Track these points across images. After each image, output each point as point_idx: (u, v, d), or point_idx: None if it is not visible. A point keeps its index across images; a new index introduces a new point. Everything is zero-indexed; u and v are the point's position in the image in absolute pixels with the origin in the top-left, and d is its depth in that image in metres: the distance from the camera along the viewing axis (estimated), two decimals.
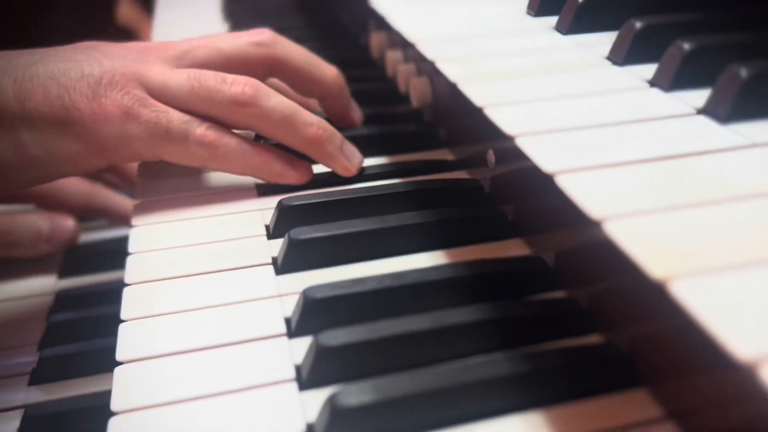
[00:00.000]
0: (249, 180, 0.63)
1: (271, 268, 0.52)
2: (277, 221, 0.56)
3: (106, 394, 0.42)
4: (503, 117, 0.43)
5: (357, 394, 0.39)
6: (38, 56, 0.56)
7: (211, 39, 0.62)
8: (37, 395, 0.59)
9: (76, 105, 0.53)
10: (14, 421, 0.56)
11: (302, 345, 0.44)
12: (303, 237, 0.52)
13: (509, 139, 0.44)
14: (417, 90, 0.69)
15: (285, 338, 0.45)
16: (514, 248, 0.53)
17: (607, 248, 0.38)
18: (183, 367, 0.43)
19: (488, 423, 0.39)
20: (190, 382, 0.42)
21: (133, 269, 0.52)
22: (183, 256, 0.53)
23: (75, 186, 0.76)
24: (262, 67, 0.63)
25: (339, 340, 0.42)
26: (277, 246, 0.54)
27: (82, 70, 0.55)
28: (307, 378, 0.42)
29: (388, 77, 0.78)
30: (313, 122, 0.59)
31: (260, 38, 0.63)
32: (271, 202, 0.59)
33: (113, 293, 0.57)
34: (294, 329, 0.46)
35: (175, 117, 0.56)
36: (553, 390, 0.40)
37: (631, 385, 0.40)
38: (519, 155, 0.43)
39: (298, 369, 0.43)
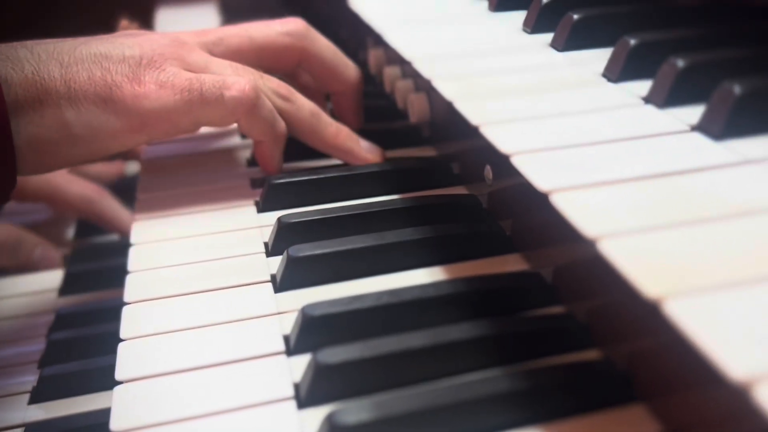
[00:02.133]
0: (248, 198, 0.63)
1: (269, 285, 0.52)
2: (276, 238, 0.56)
3: (106, 413, 0.42)
4: (499, 135, 0.44)
5: (356, 412, 0.39)
6: (81, 42, 0.59)
7: (244, 27, 0.66)
8: (37, 414, 0.59)
9: (118, 84, 0.57)
10: None
11: (301, 363, 0.45)
12: (301, 254, 0.52)
13: (505, 156, 0.44)
14: (415, 106, 0.69)
15: (284, 356, 0.46)
16: (512, 264, 0.53)
17: (602, 265, 0.38)
18: (182, 385, 0.43)
19: None
20: (190, 401, 0.42)
21: (132, 288, 0.52)
22: (182, 274, 0.53)
23: (80, 189, 0.78)
24: (291, 58, 0.67)
25: (337, 358, 0.42)
26: (276, 263, 0.54)
27: (123, 53, 0.58)
28: (306, 396, 0.42)
29: (386, 93, 0.78)
30: (333, 123, 0.64)
31: (291, 27, 0.67)
32: (270, 219, 0.59)
33: (113, 311, 0.57)
34: (293, 347, 0.46)
35: (208, 79, 0.59)
36: (551, 406, 0.40)
37: (629, 401, 0.40)
38: (516, 172, 0.43)
39: (296, 387, 0.43)
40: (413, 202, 0.60)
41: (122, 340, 0.47)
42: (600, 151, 0.42)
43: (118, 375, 0.44)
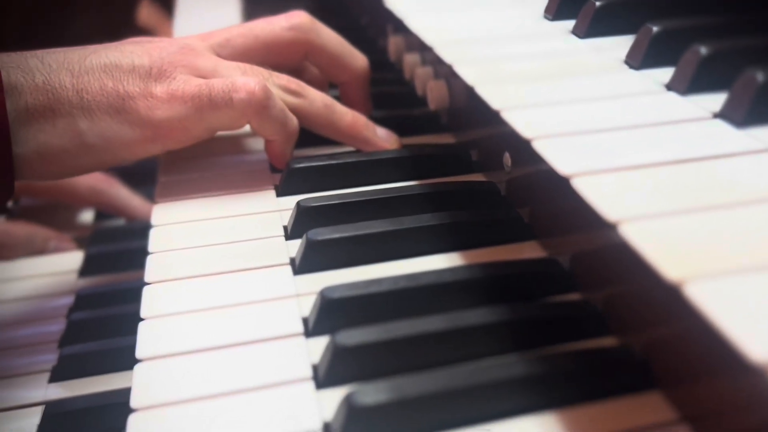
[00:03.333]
0: (268, 182, 0.64)
1: (289, 268, 0.53)
2: (295, 222, 0.57)
3: (126, 392, 0.43)
4: (520, 120, 0.44)
5: (373, 393, 0.39)
6: (90, 51, 0.59)
7: (249, 27, 0.66)
8: (57, 392, 0.59)
9: (130, 95, 0.57)
10: (34, 417, 0.56)
11: (319, 344, 0.45)
12: (320, 238, 0.52)
13: (526, 141, 0.44)
14: (434, 93, 0.69)
15: (302, 337, 0.46)
16: (529, 251, 0.53)
17: (622, 251, 0.38)
18: (202, 365, 0.44)
19: (503, 423, 0.39)
20: (209, 379, 0.43)
21: (153, 268, 0.53)
22: (202, 255, 0.54)
23: (88, 181, 0.79)
24: (298, 52, 0.67)
25: (356, 340, 0.43)
26: (295, 247, 0.54)
27: (133, 62, 0.59)
28: (324, 377, 0.43)
29: (405, 80, 0.78)
30: (348, 112, 0.64)
31: (295, 22, 0.66)
32: (289, 203, 0.59)
33: (132, 292, 0.58)
34: (311, 329, 0.47)
35: (217, 84, 0.59)
36: (568, 392, 0.40)
37: (646, 387, 0.40)
38: (535, 158, 0.43)
39: (315, 368, 0.44)
40: (431, 188, 0.60)
41: (142, 320, 0.48)
42: (621, 137, 0.42)
43: (139, 353, 0.45)
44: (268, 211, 0.59)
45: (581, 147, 0.40)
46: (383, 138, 0.66)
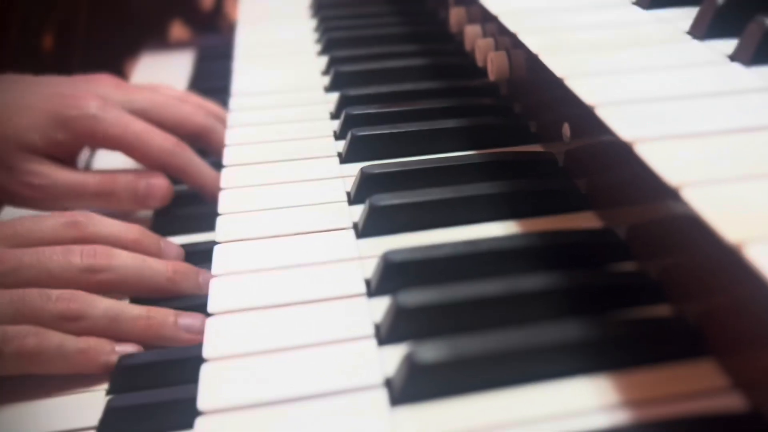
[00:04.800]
0: (332, 149, 0.66)
1: (352, 232, 0.55)
2: (358, 187, 0.58)
3: (197, 347, 0.45)
4: (583, 87, 0.44)
5: (433, 351, 0.41)
6: None
7: (42, 259, 0.59)
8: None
9: None
10: None
11: (381, 305, 0.47)
12: (383, 203, 0.54)
13: (587, 110, 0.45)
14: (495, 64, 0.70)
15: (365, 298, 0.48)
16: (585, 221, 0.54)
17: (681, 219, 0.39)
18: (270, 320, 0.46)
19: (557, 383, 0.41)
20: (277, 334, 0.45)
21: (223, 229, 0.55)
22: (269, 218, 0.56)
23: (162, 140, 0.74)
24: (91, 290, 0.59)
25: (416, 300, 0.45)
26: (358, 211, 0.56)
27: None
28: (386, 335, 0.45)
29: (466, 52, 0.79)
30: (141, 314, 0.58)
31: (92, 263, 0.59)
32: (352, 170, 0.61)
33: (202, 255, 0.61)
34: (373, 290, 0.49)
35: None
36: (621, 356, 0.42)
37: (699, 355, 0.41)
38: (596, 128, 0.44)
39: (377, 327, 0.46)
40: (490, 158, 0.61)
41: (214, 277, 0.50)
42: (684, 105, 0.43)
43: (210, 308, 0.48)
44: (332, 177, 0.61)
45: (644, 115, 0.41)
46: (187, 329, 0.58)
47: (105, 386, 0.55)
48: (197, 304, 0.60)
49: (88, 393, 0.55)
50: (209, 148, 0.74)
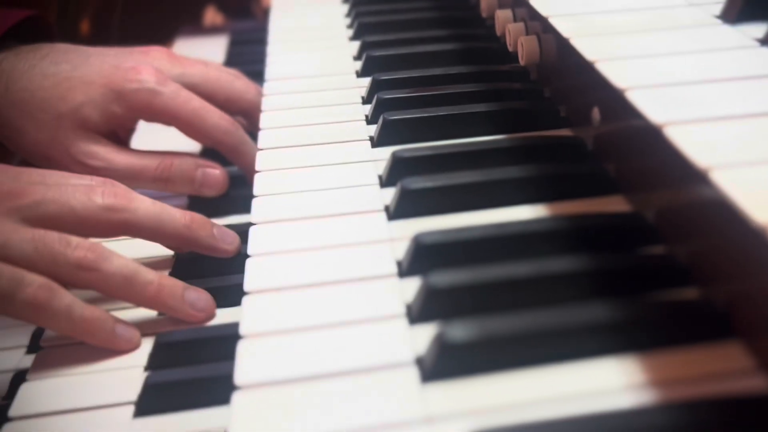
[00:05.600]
0: (364, 133, 0.67)
1: (383, 214, 0.56)
2: (390, 170, 0.60)
3: (234, 325, 0.47)
4: (614, 71, 0.45)
5: (463, 330, 0.42)
6: None
7: (65, 195, 0.59)
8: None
9: None
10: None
11: (412, 285, 0.48)
12: (414, 186, 0.55)
13: (617, 94, 0.45)
14: (525, 48, 0.71)
15: (396, 278, 0.49)
16: (614, 205, 0.55)
17: (709, 202, 0.40)
18: (304, 299, 0.48)
19: (585, 363, 0.42)
20: (311, 312, 0.46)
21: (258, 210, 0.57)
22: (303, 199, 0.57)
23: (218, 119, 0.74)
24: (113, 231, 0.61)
25: (447, 281, 0.46)
26: (389, 194, 0.57)
27: None
28: (417, 315, 0.46)
29: (497, 36, 0.79)
30: (153, 280, 0.58)
31: (112, 202, 0.60)
32: (384, 153, 0.62)
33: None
34: (405, 270, 0.50)
35: (6, 272, 0.55)
36: (648, 337, 0.42)
37: (725, 337, 0.42)
38: (625, 111, 0.45)
39: (408, 306, 0.47)
40: (520, 142, 0.62)
41: (249, 257, 0.52)
42: (714, 89, 0.43)
43: (247, 286, 0.49)
44: (365, 161, 0.63)
45: (673, 98, 0.41)
46: (191, 304, 0.60)
47: (143, 363, 0.57)
48: (234, 284, 0.62)
49: (127, 369, 0.57)
50: (256, 129, 0.73)
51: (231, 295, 0.62)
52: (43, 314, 0.56)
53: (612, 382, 0.40)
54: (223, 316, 0.61)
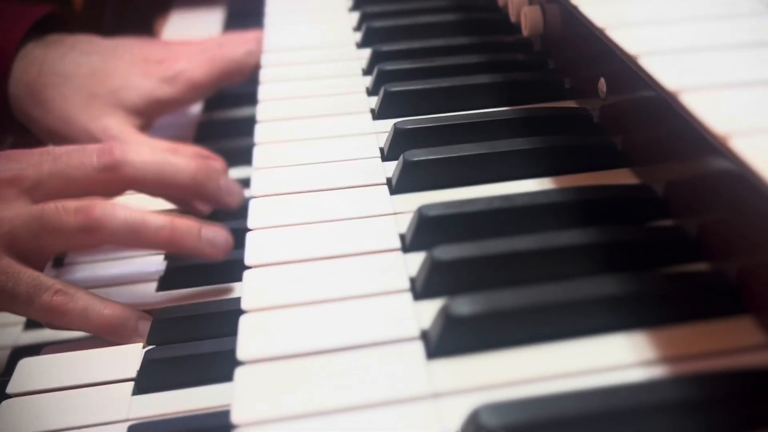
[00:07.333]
0: (364, 105, 0.65)
1: (385, 188, 0.55)
2: (392, 143, 0.58)
3: (234, 301, 0.46)
4: (625, 38, 0.43)
5: (469, 304, 0.41)
6: None
7: (60, 166, 0.60)
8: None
9: None
10: None
11: (416, 259, 0.47)
12: (417, 158, 0.54)
13: (626, 64, 0.44)
14: (529, 19, 0.69)
15: (400, 252, 0.48)
16: (622, 178, 0.54)
17: (724, 172, 0.39)
18: (306, 273, 0.47)
19: (594, 339, 0.41)
20: (314, 287, 0.45)
21: (257, 183, 0.56)
22: (304, 173, 0.56)
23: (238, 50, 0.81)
24: (115, 189, 0.62)
25: (452, 255, 0.45)
26: (391, 167, 0.56)
27: None
28: (421, 289, 0.45)
29: (498, 7, 0.78)
30: (165, 224, 0.58)
31: (106, 161, 0.60)
32: (385, 126, 0.61)
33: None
34: (408, 244, 0.49)
35: (24, 278, 0.56)
36: (658, 312, 0.42)
37: (737, 312, 0.41)
38: (635, 81, 0.44)
39: (412, 281, 0.46)
40: (524, 114, 0.61)
41: (250, 230, 0.51)
42: (730, 55, 0.42)
43: (248, 260, 0.48)
44: (366, 133, 0.61)
45: (689, 64, 0.40)
46: (209, 241, 0.59)
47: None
48: (231, 259, 0.61)
49: (126, 345, 0.56)
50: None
51: (228, 270, 0.61)
52: (59, 317, 0.57)
53: (621, 357, 0.40)
54: (221, 291, 0.60)
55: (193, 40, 0.87)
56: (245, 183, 0.73)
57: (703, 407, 0.35)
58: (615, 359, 0.39)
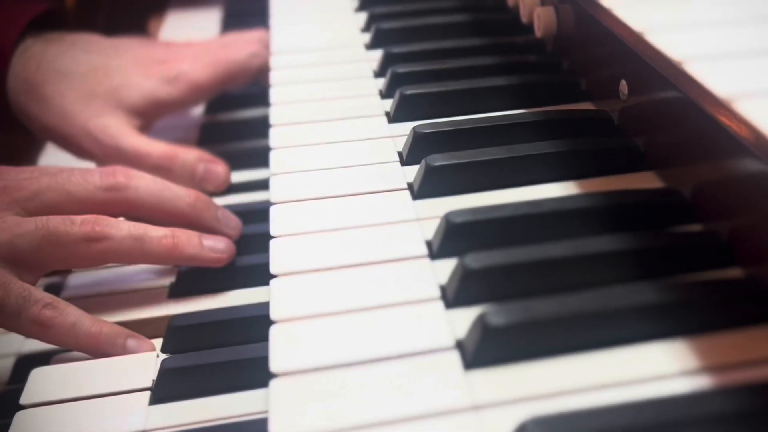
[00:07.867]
0: (378, 108, 0.64)
1: (407, 193, 0.54)
2: (411, 148, 0.57)
3: (248, 308, 0.44)
4: (665, 42, 0.43)
5: (506, 314, 0.40)
6: None
7: (61, 181, 0.59)
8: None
9: None
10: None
11: (444, 266, 0.46)
12: (440, 163, 0.53)
13: (650, 66, 0.43)
14: (542, 20, 0.68)
15: (427, 260, 0.47)
16: (646, 181, 0.53)
17: (762, 175, 0.38)
18: (334, 282, 0.46)
19: (632, 348, 0.40)
20: (341, 296, 0.44)
21: (277, 189, 0.54)
22: (322, 178, 0.55)
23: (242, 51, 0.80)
24: (114, 211, 0.60)
25: (484, 263, 0.44)
26: (411, 172, 0.55)
27: None
28: (453, 297, 0.44)
29: (507, 7, 0.77)
30: (167, 233, 0.58)
31: (111, 182, 0.59)
32: (402, 129, 0.60)
33: (256, 214, 0.61)
34: (435, 251, 0.48)
35: (14, 290, 0.55)
36: (697, 320, 0.41)
37: None
38: (662, 84, 0.43)
39: (442, 289, 0.45)
40: (543, 116, 0.60)
41: (273, 238, 0.50)
42: None
43: (273, 269, 0.47)
44: (382, 137, 0.60)
45: (736, 69, 0.39)
46: (211, 248, 0.59)
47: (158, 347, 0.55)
48: (243, 265, 0.60)
49: (141, 354, 0.55)
50: None
51: (240, 276, 0.60)
52: (46, 332, 0.55)
53: (663, 366, 0.39)
54: (234, 298, 0.59)
55: (195, 41, 0.86)
56: (250, 186, 0.73)
57: (756, 418, 0.35)
58: (657, 369, 0.39)
